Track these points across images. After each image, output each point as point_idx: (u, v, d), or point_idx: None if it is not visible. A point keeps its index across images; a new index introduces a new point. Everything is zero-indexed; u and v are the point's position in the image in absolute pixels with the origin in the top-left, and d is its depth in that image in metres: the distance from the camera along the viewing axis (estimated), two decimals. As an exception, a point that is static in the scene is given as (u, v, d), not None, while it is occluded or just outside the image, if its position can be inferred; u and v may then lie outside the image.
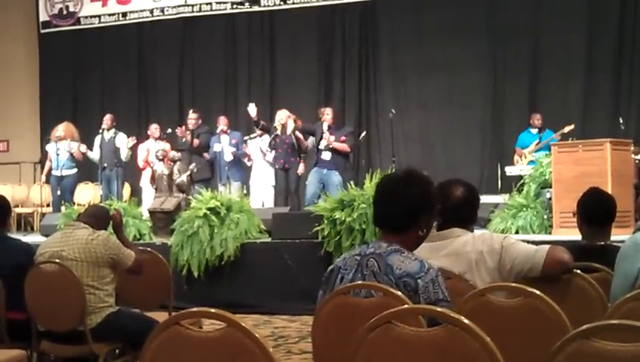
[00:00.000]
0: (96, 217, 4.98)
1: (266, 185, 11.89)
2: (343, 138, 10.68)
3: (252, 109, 11.72)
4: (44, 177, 12.52)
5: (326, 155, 10.59)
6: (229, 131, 11.98)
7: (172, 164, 10.65)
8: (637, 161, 9.31)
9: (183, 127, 12.03)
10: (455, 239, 3.44)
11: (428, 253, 3.13)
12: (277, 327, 7.62)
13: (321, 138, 10.61)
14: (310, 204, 9.82)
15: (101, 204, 5.77)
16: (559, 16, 13.06)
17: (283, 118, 11.52)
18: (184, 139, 11.90)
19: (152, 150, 11.79)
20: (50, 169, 12.17)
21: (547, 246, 3.39)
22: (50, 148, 12.22)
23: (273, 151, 11.61)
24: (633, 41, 12.69)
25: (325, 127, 10.59)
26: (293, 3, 14.68)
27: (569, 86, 13.03)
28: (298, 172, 11.38)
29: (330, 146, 10.55)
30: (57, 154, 11.90)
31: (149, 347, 2.34)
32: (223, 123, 11.99)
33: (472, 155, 13.56)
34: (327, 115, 10.76)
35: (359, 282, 2.88)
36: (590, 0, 12.96)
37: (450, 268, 3.34)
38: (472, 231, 3.56)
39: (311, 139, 11.13)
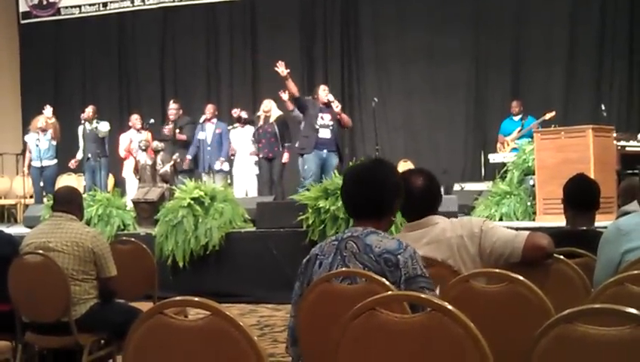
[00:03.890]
0: (73, 202, 4.92)
1: (249, 175, 11.86)
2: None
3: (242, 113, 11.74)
4: (26, 170, 12.46)
5: (324, 133, 10.09)
6: (214, 120, 11.93)
7: (155, 154, 10.61)
8: (619, 148, 9.35)
9: (171, 126, 11.93)
10: (433, 227, 3.44)
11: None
12: (262, 316, 7.63)
13: (316, 117, 10.11)
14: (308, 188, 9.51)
15: (67, 185, 5.66)
16: (542, 4, 13.09)
17: (268, 106, 11.48)
18: (169, 125, 11.86)
19: (135, 140, 11.74)
20: (31, 160, 12.11)
21: (527, 232, 3.41)
22: (30, 138, 12.14)
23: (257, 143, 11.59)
24: (614, 28, 12.75)
25: (331, 97, 10.18)
26: (275, -9, 14.66)
27: (552, 73, 13.08)
28: (283, 161, 11.31)
29: (338, 116, 10.15)
30: (37, 145, 11.84)
31: (133, 336, 2.33)
32: (209, 111, 11.92)
33: (456, 143, 13.60)
34: (328, 92, 10.33)
35: (343, 269, 2.89)
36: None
37: (433, 255, 3.34)
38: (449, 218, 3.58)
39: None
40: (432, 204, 3.55)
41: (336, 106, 10.15)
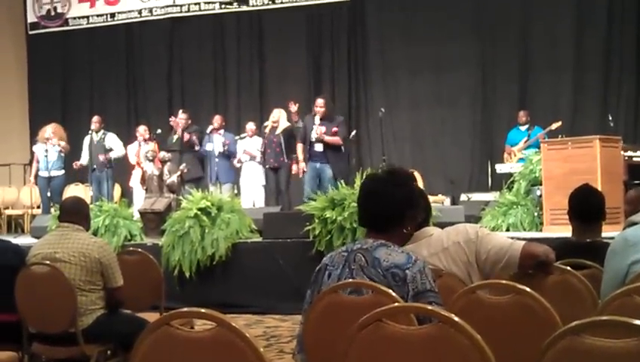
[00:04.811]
0: (80, 213, 4.93)
1: (256, 185, 11.88)
2: (334, 129, 10.29)
3: None
4: (32, 179, 12.50)
5: (318, 147, 10.20)
6: (221, 131, 11.97)
7: (162, 164, 10.63)
8: (626, 158, 9.33)
9: (177, 121, 12.00)
10: (429, 238, 3.45)
11: None
12: (269, 327, 7.62)
13: (311, 130, 10.23)
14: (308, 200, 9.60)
15: (74, 196, 5.66)
16: (548, 14, 13.10)
17: (276, 116, 11.50)
18: (175, 135, 11.89)
19: (142, 150, 11.77)
20: (38, 170, 12.13)
21: (523, 241, 3.42)
22: (38, 149, 12.18)
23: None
24: (622, 38, 12.73)
25: (317, 120, 10.20)
26: (282, 2, 14.67)
27: (558, 83, 13.05)
28: (293, 172, 11.33)
29: (322, 139, 10.18)
30: (46, 156, 11.87)
31: (140, 348, 2.33)
32: (217, 122, 11.97)
33: (462, 153, 13.58)
34: (320, 107, 10.29)
35: (350, 280, 2.88)
36: (578, -3, 13.03)
37: (439, 266, 3.35)
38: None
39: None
40: (425, 218, 3.55)
41: (316, 132, 10.13)
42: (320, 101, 10.42)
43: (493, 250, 3.36)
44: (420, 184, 11.44)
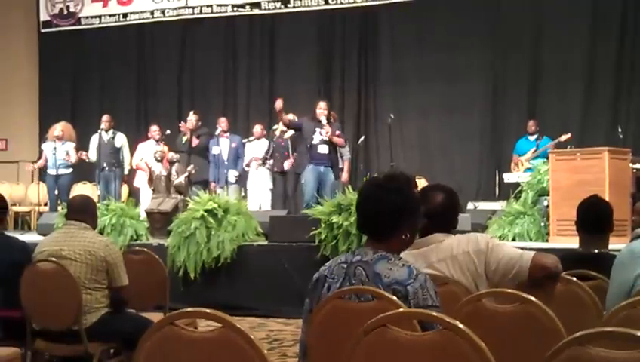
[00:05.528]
0: (87, 211, 4.94)
1: (263, 188, 11.89)
2: (337, 132, 10.27)
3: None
4: (35, 166, 12.58)
5: (323, 149, 10.00)
6: (228, 134, 11.98)
7: (170, 165, 10.65)
8: (635, 170, 9.30)
9: (187, 125, 12.04)
10: (439, 244, 3.42)
11: (415, 261, 3.09)
12: (272, 330, 7.62)
13: (313, 132, 10.03)
14: (309, 204, 9.58)
15: (82, 194, 5.68)
16: (559, 25, 13.08)
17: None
18: (185, 137, 11.91)
19: (151, 151, 11.78)
20: (44, 166, 12.17)
21: (533, 252, 3.40)
22: (46, 147, 12.21)
23: (272, 159, 11.66)
24: (633, 50, 12.69)
25: (324, 120, 10.02)
26: (294, 7, 14.68)
27: (568, 94, 13.02)
28: (285, 168, 11.32)
29: (328, 139, 10.00)
30: (54, 154, 11.91)
31: (143, 346, 2.34)
32: (223, 124, 11.99)
33: (471, 162, 13.56)
34: (325, 110, 10.15)
35: (354, 286, 2.85)
36: (591, 9, 12.98)
37: (446, 273, 3.34)
38: (455, 235, 3.54)
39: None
40: (448, 222, 3.53)
41: (326, 133, 9.97)
42: (324, 104, 10.31)
43: (503, 261, 3.34)
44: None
